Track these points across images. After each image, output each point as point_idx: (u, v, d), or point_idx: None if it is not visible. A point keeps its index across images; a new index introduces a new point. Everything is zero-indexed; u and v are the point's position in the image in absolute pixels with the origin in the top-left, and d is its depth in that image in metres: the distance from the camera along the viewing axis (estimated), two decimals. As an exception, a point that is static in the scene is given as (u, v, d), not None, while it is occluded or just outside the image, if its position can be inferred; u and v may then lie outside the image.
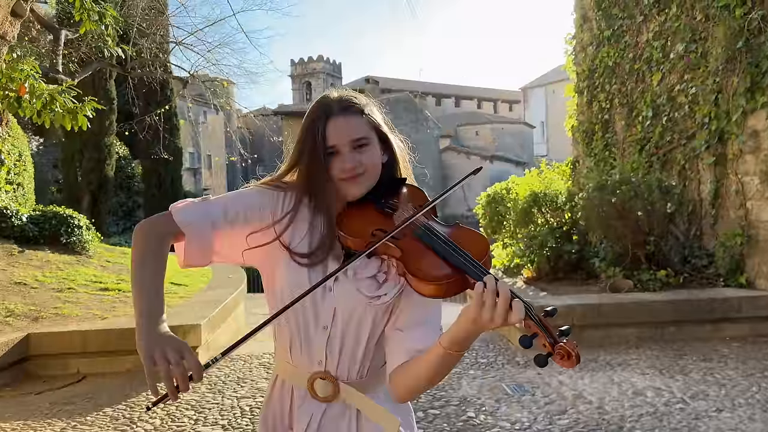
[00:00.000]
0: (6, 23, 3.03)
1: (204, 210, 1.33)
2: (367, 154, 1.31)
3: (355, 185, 1.31)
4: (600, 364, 4.65)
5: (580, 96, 8.83)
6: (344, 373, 1.32)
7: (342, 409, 1.34)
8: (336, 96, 1.35)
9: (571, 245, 6.77)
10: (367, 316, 1.28)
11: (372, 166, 1.32)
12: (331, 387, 1.31)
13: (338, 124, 1.31)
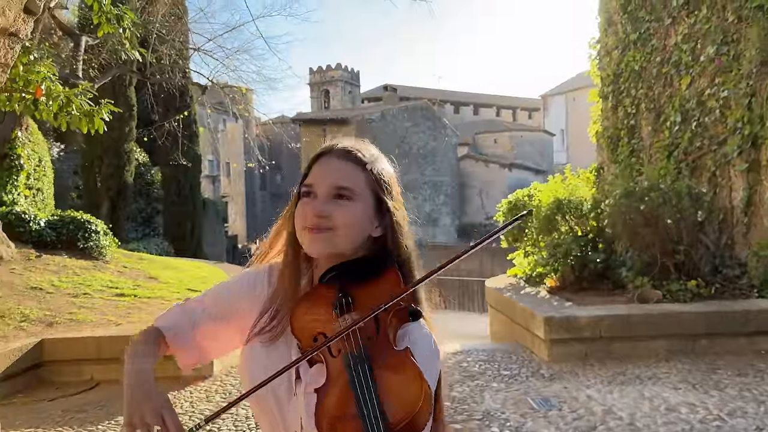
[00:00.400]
0: (19, 20, 2.95)
1: (183, 310, 1.22)
2: (345, 210, 1.08)
3: (313, 240, 1.08)
4: (629, 377, 4.45)
5: (604, 101, 8.63)
6: None
7: None
8: (343, 144, 1.16)
9: (597, 254, 6.57)
10: None
11: (345, 226, 1.08)
12: None
13: (326, 163, 1.12)
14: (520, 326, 5.68)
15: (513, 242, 8.18)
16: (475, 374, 4.68)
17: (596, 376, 4.51)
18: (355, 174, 1.11)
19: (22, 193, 8.73)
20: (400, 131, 30.71)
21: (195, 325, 1.19)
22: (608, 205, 6.21)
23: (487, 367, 4.87)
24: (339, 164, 1.11)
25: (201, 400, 4.22)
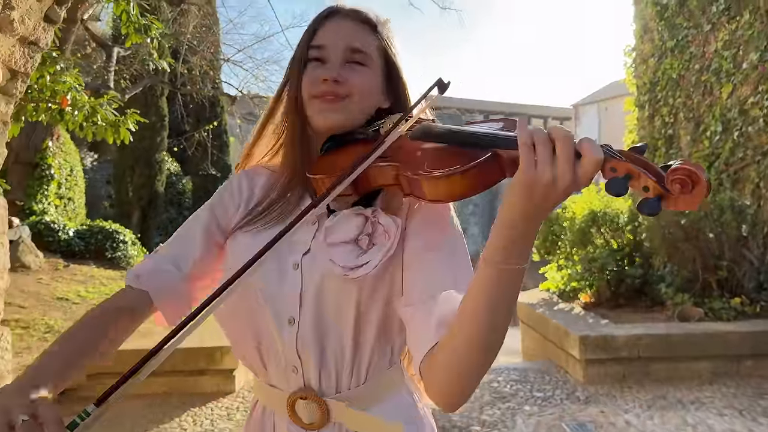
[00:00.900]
0: (39, 29, 2.89)
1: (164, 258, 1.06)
2: (362, 75, 0.98)
3: (328, 109, 0.97)
4: (670, 401, 4.21)
5: (640, 110, 8.37)
6: (331, 384, 0.97)
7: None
8: (351, 4, 1.04)
9: (634, 269, 6.31)
10: (348, 296, 0.93)
11: (362, 92, 0.98)
12: (316, 409, 0.96)
13: (337, 24, 1.00)
14: (554, 344, 5.46)
15: (545, 255, 7.95)
16: (507, 396, 4.49)
17: (635, 400, 4.28)
18: (368, 37, 1.01)
19: (53, 203, 8.79)
20: (430, 141, 30.65)
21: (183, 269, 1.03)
22: (646, 218, 5.96)
23: (519, 388, 4.67)
24: (352, 25, 1.01)
25: (222, 417, 4.10)
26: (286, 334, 0.94)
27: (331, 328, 0.94)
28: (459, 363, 0.80)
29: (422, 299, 0.89)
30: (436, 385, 0.84)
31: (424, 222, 0.95)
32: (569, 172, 0.70)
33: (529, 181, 0.71)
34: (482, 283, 0.77)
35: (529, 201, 0.72)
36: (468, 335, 0.79)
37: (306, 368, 0.96)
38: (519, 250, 0.75)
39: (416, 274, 0.91)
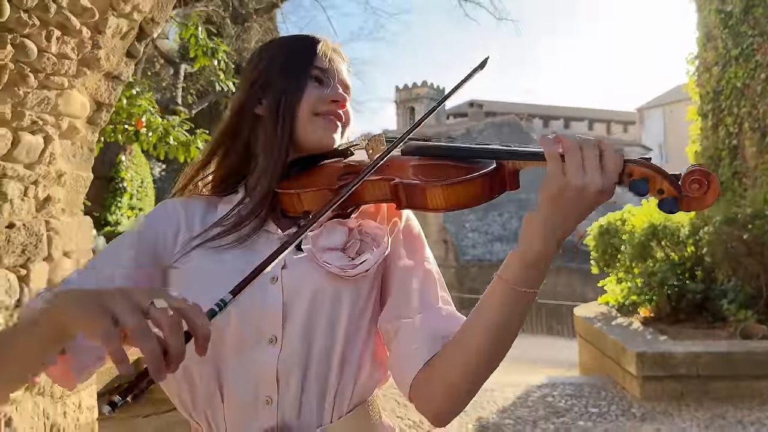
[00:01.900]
0: (121, 64, 3.16)
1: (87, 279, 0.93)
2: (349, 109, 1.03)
3: (332, 130, 0.98)
4: (729, 421, 4.15)
5: (704, 119, 8.18)
6: (312, 416, 0.86)
7: None
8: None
9: (695, 284, 6.19)
10: (343, 302, 0.88)
11: (348, 125, 1.03)
12: None
13: (333, 54, 1.01)
14: (611, 360, 5.43)
15: (604, 268, 7.87)
16: (561, 410, 4.52)
17: (692, 418, 4.24)
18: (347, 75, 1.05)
19: (125, 214, 9.28)
20: (487, 148, 30.38)
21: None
22: (707, 232, 5.86)
23: (574, 403, 4.69)
24: (341, 61, 1.03)
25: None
26: (266, 355, 0.85)
27: (318, 343, 0.87)
28: (461, 374, 0.82)
29: (410, 315, 0.89)
30: (432, 399, 0.84)
31: (403, 242, 0.97)
32: (599, 177, 0.72)
33: (558, 190, 0.73)
34: (497, 301, 0.79)
35: (558, 212, 0.74)
36: (476, 348, 0.80)
37: (283, 398, 0.86)
38: (538, 273, 0.78)
39: (401, 290, 0.92)
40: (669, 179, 0.74)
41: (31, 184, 2.88)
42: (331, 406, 0.88)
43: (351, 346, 0.89)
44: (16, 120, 2.62)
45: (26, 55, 2.46)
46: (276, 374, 0.85)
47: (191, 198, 1.02)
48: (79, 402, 3.20)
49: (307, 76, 0.97)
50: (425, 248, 0.99)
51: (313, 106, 0.96)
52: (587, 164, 0.72)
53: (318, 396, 0.87)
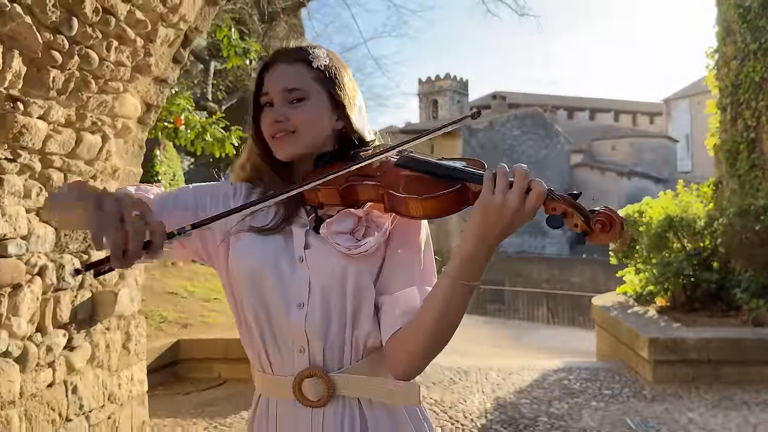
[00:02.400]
0: (168, 69, 3.47)
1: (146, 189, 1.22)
2: (302, 110, 1.14)
3: (280, 145, 1.14)
4: (736, 403, 4.36)
5: (723, 113, 8.28)
6: (334, 361, 1.11)
7: (341, 409, 1.11)
8: (287, 47, 1.20)
9: (710, 274, 6.36)
10: (349, 276, 1.09)
11: (306, 124, 1.14)
12: (323, 385, 1.09)
13: (276, 70, 1.16)
14: (626, 346, 5.65)
15: (623, 258, 8.05)
16: (576, 392, 4.76)
17: (701, 400, 4.46)
18: (302, 73, 1.15)
19: (160, 206, 9.71)
20: (509, 140, 30.39)
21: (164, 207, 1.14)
22: (721, 224, 6.03)
23: (588, 386, 4.93)
24: (286, 68, 1.15)
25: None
26: (295, 316, 1.08)
27: (335, 306, 1.09)
28: (417, 347, 1.03)
29: (391, 291, 1.10)
30: (397, 360, 1.06)
31: (400, 232, 1.15)
32: (517, 200, 0.91)
33: (485, 204, 0.92)
34: (440, 290, 0.99)
35: (484, 222, 0.93)
36: (427, 328, 1.01)
37: (312, 347, 1.10)
38: (472, 269, 0.96)
39: (390, 271, 1.12)
40: (583, 216, 0.91)
41: (90, 178, 3.20)
42: (349, 354, 1.10)
43: (359, 310, 1.10)
44: (79, 121, 2.95)
45: (89, 64, 2.77)
46: (305, 331, 1.08)
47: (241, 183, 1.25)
48: (131, 375, 3.54)
49: (259, 109, 1.17)
50: (418, 236, 1.16)
51: (266, 132, 1.16)
52: (512, 190, 0.91)
53: (338, 346, 1.10)
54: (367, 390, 1.11)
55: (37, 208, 2.76)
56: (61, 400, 2.87)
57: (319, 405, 1.09)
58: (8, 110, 2.46)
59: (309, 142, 1.15)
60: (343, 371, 1.10)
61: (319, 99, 1.15)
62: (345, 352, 1.10)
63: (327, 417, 1.09)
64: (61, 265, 2.90)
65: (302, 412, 1.10)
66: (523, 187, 0.91)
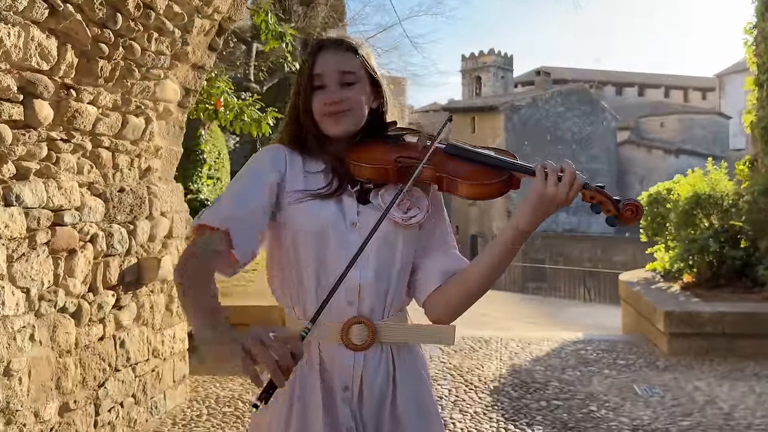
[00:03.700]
0: (204, 56, 3.79)
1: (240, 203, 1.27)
2: (355, 91, 1.28)
3: (336, 122, 1.28)
4: (746, 374, 4.50)
5: (760, 89, 8.19)
6: (377, 312, 1.27)
7: (378, 353, 1.28)
8: (333, 37, 1.34)
9: (736, 251, 6.41)
10: (398, 242, 1.27)
11: (358, 104, 1.29)
12: (367, 331, 1.25)
13: (328, 56, 1.29)
14: (646, 319, 5.81)
15: (653, 236, 8.11)
16: (591, 361, 4.97)
17: (712, 371, 4.61)
18: (352, 60, 1.30)
19: (205, 183, 10.16)
20: (552, 117, 29.99)
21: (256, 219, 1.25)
22: (746, 201, 6.07)
23: (604, 356, 5.13)
24: (339, 54, 1.29)
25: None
26: (352, 274, 1.17)
27: (383, 268, 1.27)
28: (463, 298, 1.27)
29: (430, 255, 1.32)
30: (435, 309, 1.29)
31: (434, 206, 1.35)
32: (564, 192, 1.14)
33: (540, 194, 1.15)
34: (496, 254, 1.23)
35: (538, 208, 1.16)
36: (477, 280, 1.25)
37: (362, 300, 1.26)
38: (520, 240, 1.20)
39: (428, 237, 1.34)
40: (614, 206, 1.17)
41: (136, 156, 3.57)
42: (388, 310, 1.28)
43: (402, 273, 1.30)
44: (125, 106, 3.29)
45: (132, 54, 3.10)
46: (359, 285, 1.25)
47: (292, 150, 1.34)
48: (174, 334, 3.93)
49: (312, 86, 1.29)
50: (442, 206, 1.39)
51: (320, 111, 1.29)
52: (562, 183, 1.14)
53: (381, 302, 1.27)
54: (406, 335, 1.30)
55: (88, 183, 3.13)
56: (110, 352, 3.27)
57: (361, 348, 1.24)
58: (63, 97, 2.81)
59: (359, 120, 1.30)
60: (383, 320, 1.27)
61: (364, 83, 1.31)
62: (386, 305, 1.28)
63: (368, 358, 1.25)
64: (110, 234, 3.27)
65: (345, 354, 1.24)
66: (572, 182, 1.14)
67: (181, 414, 3.79)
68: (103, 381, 3.20)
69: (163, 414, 3.73)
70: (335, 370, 1.26)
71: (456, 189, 1.26)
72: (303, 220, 1.25)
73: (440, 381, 4.40)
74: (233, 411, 3.88)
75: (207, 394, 4.18)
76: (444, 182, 1.27)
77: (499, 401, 4.01)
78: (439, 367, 4.72)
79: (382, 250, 1.26)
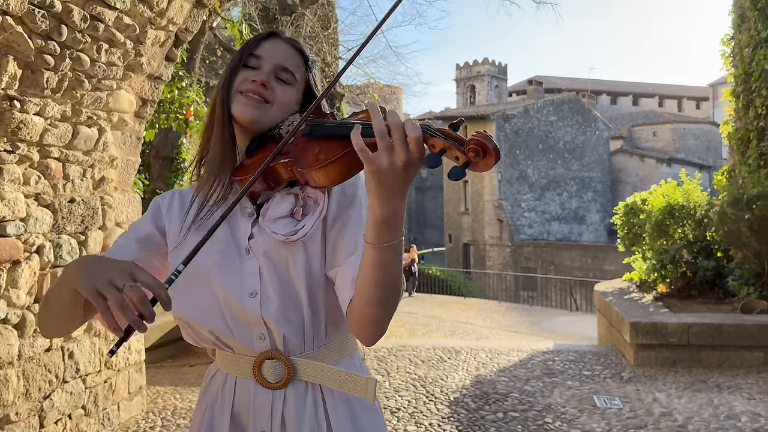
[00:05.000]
0: (161, 67, 3.79)
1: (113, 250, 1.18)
2: (284, 90, 1.15)
3: (249, 105, 1.11)
4: (709, 385, 4.50)
5: (736, 100, 8.23)
6: (296, 346, 1.10)
7: (302, 392, 1.11)
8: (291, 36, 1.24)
9: (708, 261, 6.43)
10: (296, 261, 1.08)
11: (281, 104, 1.14)
12: (282, 367, 1.09)
13: (275, 45, 1.17)
14: (616, 330, 5.81)
15: (630, 246, 8.13)
16: (556, 372, 4.97)
17: (675, 382, 4.61)
18: (298, 63, 1.18)
19: (186, 191, 10.18)
20: (544, 126, 30.08)
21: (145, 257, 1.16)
22: (715, 212, 6.09)
23: (570, 367, 5.12)
24: (288, 49, 1.17)
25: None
26: (250, 305, 1.07)
27: (288, 292, 1.08)
28: (364, 313, 1.01)
29: (340, 262, 1.08)
30: (356, 327, 1.04)
31: (337, 199, 1.14)
32: (403, 155, 0.85)
33: (374, 169, 0.86)
34: (368, 259, 0.95)
35: (381, 186, 0.87)
36: (364, 295, 0.99)
37: (272, 334, 1.09)
38: (389, 230, 0.91)
39: (335, 241, 1.10)
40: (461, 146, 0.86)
41: (88, 167, 3.57)
42: (311, 337, 1.10)
43: (315, 297, 1.09)
44: (75, 116, 3.29)
45: (81, 65, 3.10)
46: (262, 318, 1.07)
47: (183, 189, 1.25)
48: (129, 345, 3.91)
49: (241, 64, 1.15)
50: (356, 197, 1.14)
51: (238, 86, 1.13)
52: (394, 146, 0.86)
53: (297, 333, 1.09)
54: (325, 377, 1.10)
55: (35, 194, 3.12)
56: (57, 363, 3.25)
57: (278, 387, 1.09)
58: (6, 108, 2.81)
59: (271, 118, 1.13)
60: (303, 355, 1.10)
61: (298, 91, 1.17)
62: (306, 335, 1.10)
63: (288, 399, 1.10)
64: (59, 244, 3.27)
65: (262, 393, 1.10)
66: (402, 139, 0.85)
67: (135, 426, 3.77)
68: (49, 393, 3.18)
69: (116, 425, 3.71)
70: (252, 411, 1.11)
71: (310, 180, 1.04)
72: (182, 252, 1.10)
73: (401, 392, 4.39)
74: (188, 423, 3.86)
75: (165, 405, 4.16)
76: (299, 176, 1.05)
77: (456, 413, 4.00)
78: (404, 378, 4.71)
79: (281, 278, 1.09)
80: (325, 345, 1.12)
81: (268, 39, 1.18)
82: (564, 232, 29.71)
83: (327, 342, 1.13)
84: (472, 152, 0.84)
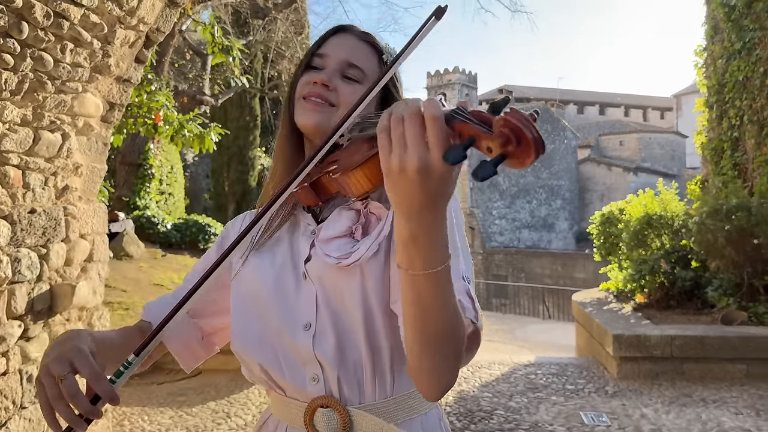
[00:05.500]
0: (131, 69, 3.58)
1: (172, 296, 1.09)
2: (352, 89, 0.99)
3: (313, 110, 0.98)
4: (694, 399, 4.43)
5: (710, 111, 8.30)
6: (354, 394, 0.92)
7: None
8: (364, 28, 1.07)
9: (687, 272, 6.41)
10: (351, 290, 0.90)
11: (347, 106, 0.96)
12: (337, 418, 0.91)
13: (343, 40, 1.03)
14: (597, 342, 5.73)
15: (606, 256, 8.11)
16: (539, 387, 4.85)
17: (660, 396, 4.53)
18: (369, 58, 1.03)
19: (154, 198, 9.85)
20: (514, 135, 30.26)
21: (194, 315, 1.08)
22: (694, 223, 6.07)
23: (553, 381, 5.01)
24: (356, 43, 1.03)
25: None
26: (303, 339, 0.91)
27: (345, 328, 0.91)
28: (415, 359, 0.79)
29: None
30: (413, 376, 0.82)
31: None
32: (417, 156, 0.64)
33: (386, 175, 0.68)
34: (403, 289, 0.75)
35: (399, 196, 0.67)
36: (406, 339, 0.80)
37: (327, 376, 0.92)
38: (418, 253, 0.70)
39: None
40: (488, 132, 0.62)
41: (51, 175, 3.32)
42: (372, 388, 0.92)
43: (373, 332, 0.90)
44: (37, 121, 3.06)
45: (43, 66, 2.88)
46: (315, 356, 0.90)
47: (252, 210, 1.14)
48: (95, 364, 3.67)
49: (306, 66, 1.03)
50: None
51: (300, 90, 1.01)
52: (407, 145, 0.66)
53: (357, 376, 0.91)
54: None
55: (-8, 204, 2.88)
56: (15, 388, 3.00)
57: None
58: (-42, 111, 2.57)
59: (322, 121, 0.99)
60: (362, 406, 0.92)
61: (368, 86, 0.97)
62: (366, 384, 0.92)
63: None
64: (17, 259, 3.02)
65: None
66: (417, 134, 0.65)
67: (100, 451, 3.52)
68: (5, 420, 2.93)
69: (79, 452, 3.46)
70: None
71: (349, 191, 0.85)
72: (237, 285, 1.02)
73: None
74: (157, 447, 3.63)
75: (132, 428, 3.92)
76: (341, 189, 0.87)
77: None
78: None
79: (339, 309, 0.92)
80: (392, 396, 0.93)
81: (335, 35, 1.05)
82: (534, 240, 29.92)
83: (394, 392, 0.94)
84: (500, 138, 0.60)
